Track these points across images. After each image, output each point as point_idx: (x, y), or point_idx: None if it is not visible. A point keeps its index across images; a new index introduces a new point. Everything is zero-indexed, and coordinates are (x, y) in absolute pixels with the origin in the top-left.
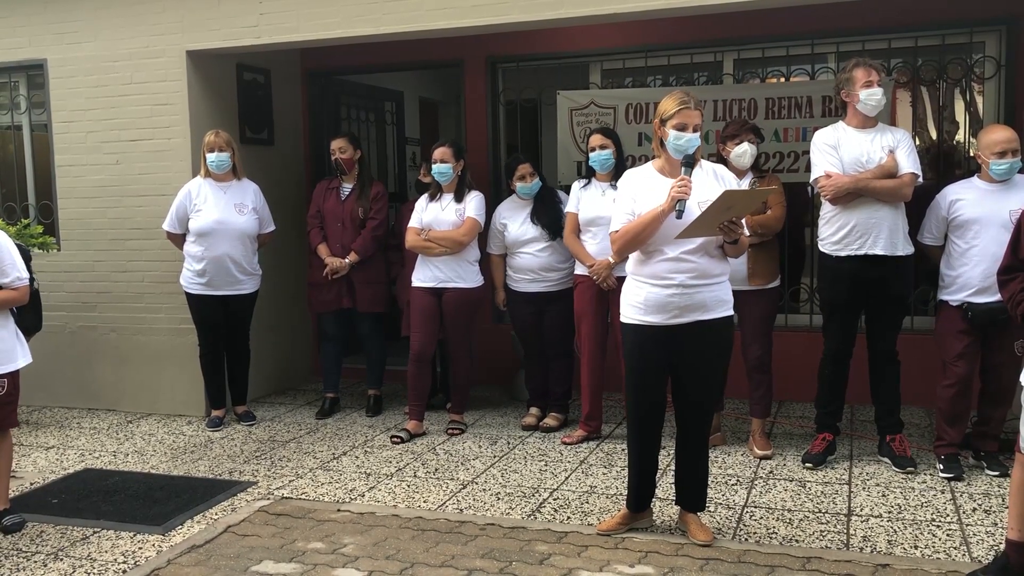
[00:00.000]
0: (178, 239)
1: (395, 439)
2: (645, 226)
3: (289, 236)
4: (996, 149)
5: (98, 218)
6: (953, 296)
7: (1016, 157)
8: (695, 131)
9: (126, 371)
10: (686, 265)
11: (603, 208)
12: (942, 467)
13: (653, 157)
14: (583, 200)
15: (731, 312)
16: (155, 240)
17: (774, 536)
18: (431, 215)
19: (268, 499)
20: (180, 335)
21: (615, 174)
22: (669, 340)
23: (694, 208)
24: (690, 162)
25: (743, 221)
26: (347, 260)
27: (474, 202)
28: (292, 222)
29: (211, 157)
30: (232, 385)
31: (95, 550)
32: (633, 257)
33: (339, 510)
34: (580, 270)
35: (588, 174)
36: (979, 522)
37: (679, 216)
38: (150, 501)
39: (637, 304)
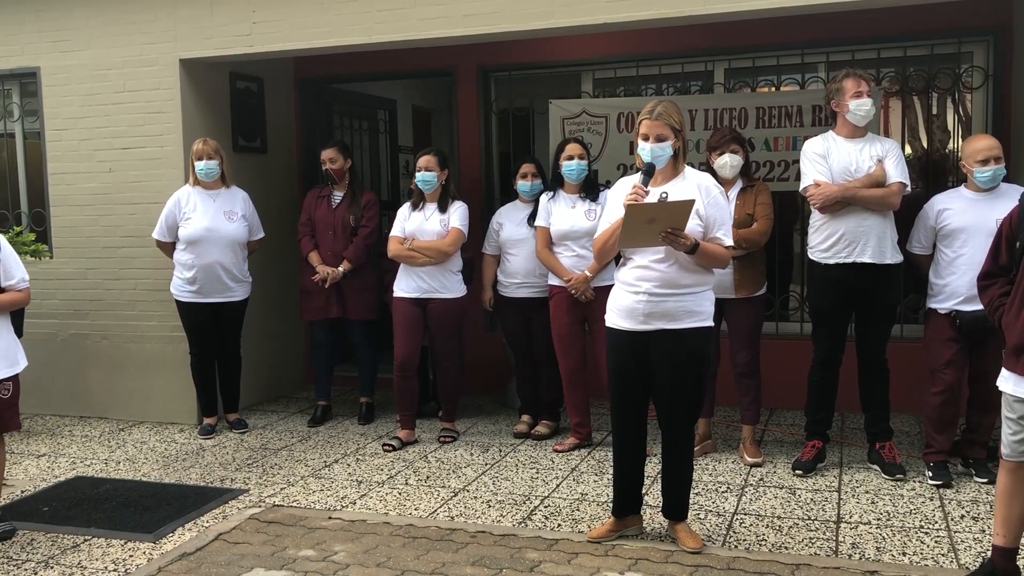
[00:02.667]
0: (168, 247)
1: (387, 447)
2: (611, 234)
3: (281, 244)
4: (979, 157)
5: (91, 226)
6: (941, 304)
7: (999, 164)
8: (658, 141)
9: (118, 379)
10: (652, 273)
11: (574, 220)
12: (931, 474)
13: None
14: (554, 214)
15: (704, 324)
16: (147, 248)
17: (763, 543)
18: (414, 224)
19: (259, 507)
20: (172, 343)
21: (583, 185)
22: (639, 346)
23: None
24: (649, 171)
25: (719, 233)
26: (340, 269)
27: (458, 212)
28: (284, 230)
29: (199, 165)
30: (224, 393)
31: (85, 558)
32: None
33: (330, 518)
34: (553, 280)
35: (555, 185)
36: (967, 529)
37: None
38: (141, 509)
39: (614, 308)
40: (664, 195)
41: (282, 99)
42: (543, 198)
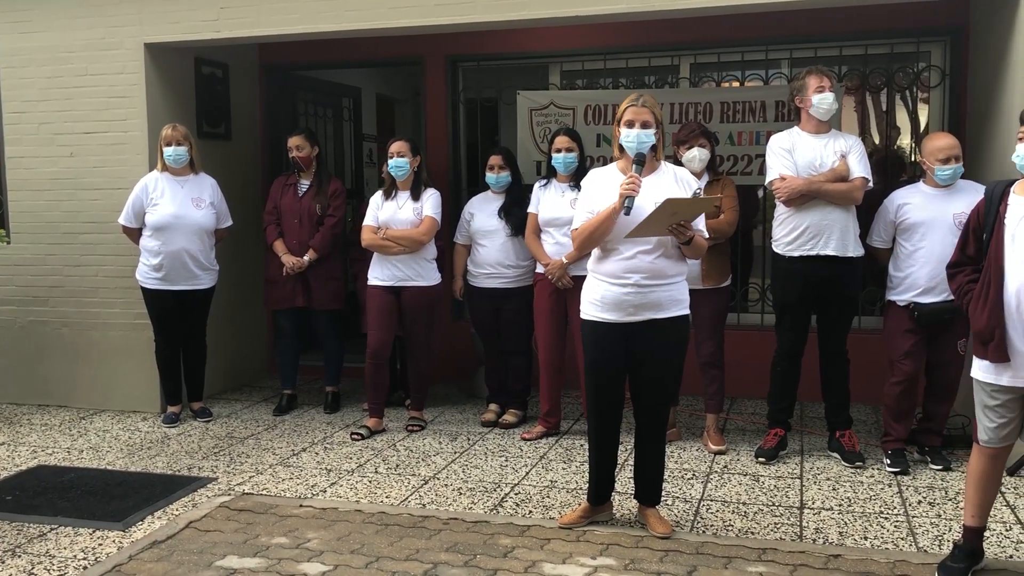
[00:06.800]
0: (134, 233)
1: (355, 436)
2: (599, 224)
3: (246, 232)
4: (940, 156)
5: (51, 211)
6: (900, 296)
7: (959, 163)
8: (644, 127)
9: (79, 367)
10: (641, 264)
11: (561, 209)
12: (889, 462)
13: (612, 159)
14: (543, 200)
15: (686, 311)
16: (110, 234)
17: (730, 528)
18: (387, 213)
19: (229, 495)
20: (135, 330)
21: (576, 175)
22: (625, 337)
23: (647, 207)
24: (641, 160)
25: (701, 225)
26: (306, 258)
27: (431, 200)
28: (249, 218)
29: (168, 151)
30: (188, 381)
31: (54, 547)
32: (593, 254)
33: (301, 506)
34: (541, 268)
35: (548, 174)
36: (924, 514)
37: (627, 213)
38: (108, 497)
39: (595, 301)
40: (699, 190)
41: (247, 85)
42: (536, 186)
